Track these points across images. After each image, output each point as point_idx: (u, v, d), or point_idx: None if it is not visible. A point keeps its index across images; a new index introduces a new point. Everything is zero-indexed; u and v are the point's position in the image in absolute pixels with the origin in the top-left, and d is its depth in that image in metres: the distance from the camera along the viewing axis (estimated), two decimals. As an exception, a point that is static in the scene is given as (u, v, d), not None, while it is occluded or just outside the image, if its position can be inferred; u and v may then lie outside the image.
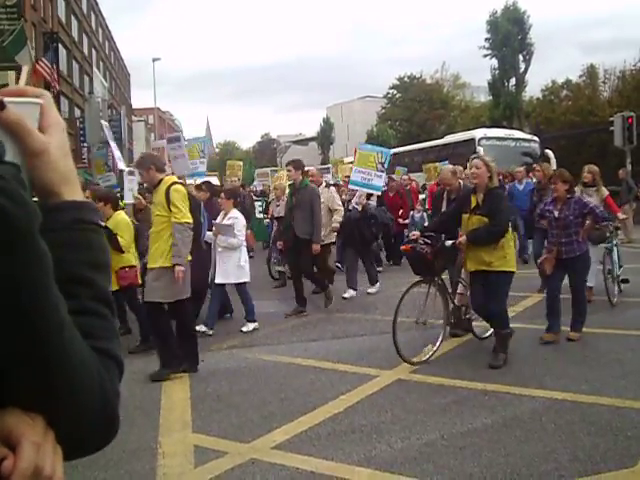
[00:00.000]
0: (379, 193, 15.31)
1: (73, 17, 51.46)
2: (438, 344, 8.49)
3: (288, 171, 12.44)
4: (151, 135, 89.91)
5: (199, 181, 13.36)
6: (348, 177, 18.61)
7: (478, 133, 29.19)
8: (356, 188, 13.62)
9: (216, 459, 5.56)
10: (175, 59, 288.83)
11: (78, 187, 1.24)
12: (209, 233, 10.69)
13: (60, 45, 38.79)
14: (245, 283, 10.56)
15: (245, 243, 10.90)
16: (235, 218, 10.57)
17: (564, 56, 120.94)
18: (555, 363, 7.98)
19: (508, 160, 22.05)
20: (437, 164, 21.75)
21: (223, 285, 10.66)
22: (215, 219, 10.88)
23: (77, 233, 1.18)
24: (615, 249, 12.23)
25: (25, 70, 1.39)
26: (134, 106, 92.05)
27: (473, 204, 8.34)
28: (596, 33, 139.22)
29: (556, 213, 9.07)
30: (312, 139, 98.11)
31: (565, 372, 7.56)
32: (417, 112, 64.95)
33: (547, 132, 34.36)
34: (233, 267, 10.42)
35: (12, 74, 29.15)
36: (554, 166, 20.83)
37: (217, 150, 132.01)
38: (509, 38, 46.05)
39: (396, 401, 6.84)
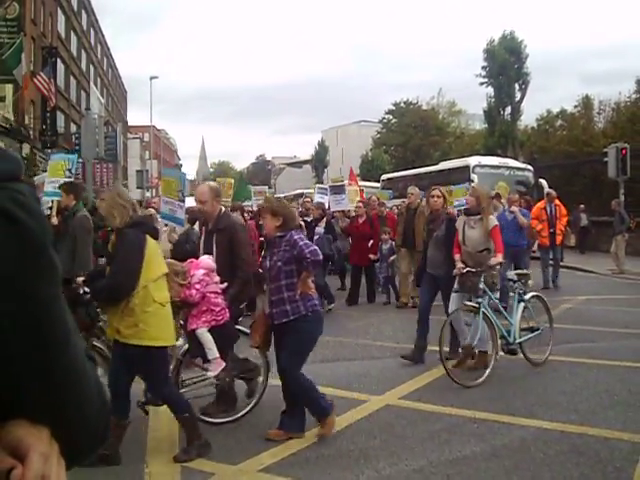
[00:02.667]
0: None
1: (72, 33, 51.62)
2: None
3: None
4: (146, 153, 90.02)
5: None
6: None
7: (472, 160, 29.30)
8: (166, 222, 11.79)
9: (203, 480, 5.53)
10: (175, 78, 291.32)
11: None
12: None
13: (58, 60, 38.87)
14: None
15: None
16: None
17: (565, 86, 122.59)
18: (545, 393, 7.97)
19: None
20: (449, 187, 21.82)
21: None
22: None
23: None
24: (518, 305, 9.48)
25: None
26: (130, 123, 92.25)
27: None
28: (597, 64, 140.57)
29: (267, 260, 6.78)
30: (306, 162, 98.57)
31: (554, 402, 7.55)
32: (412, 138, 65.28)
33: (541, 161, 34.52)
34: None
35: (10, 87, 29.24)
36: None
37: (211, 170, 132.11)
38: (505, 67, 46.33)
39: (385, 427, 6.82)
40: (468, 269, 8.89)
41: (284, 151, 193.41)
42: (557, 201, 18.90)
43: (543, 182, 27.55)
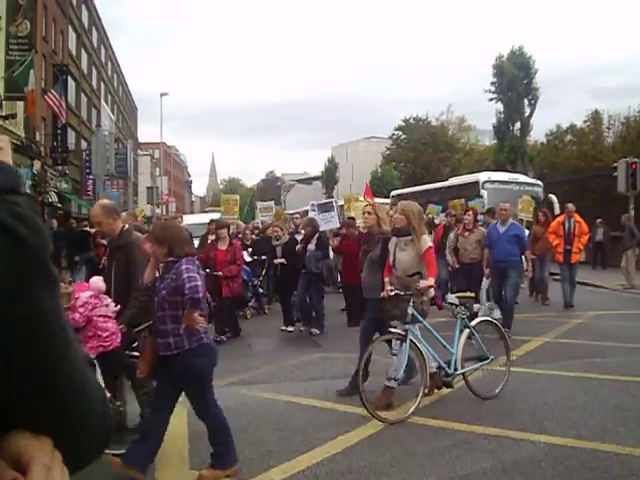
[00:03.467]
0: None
1: (83, 50, 51.98)
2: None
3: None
4: (156, 169, 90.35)
5: None
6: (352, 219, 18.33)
7: (482, 176, 29.26)
8: None
9: (213, 497, 5.51)
10: (187, 95, 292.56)
11: None
12: None
13: (69, 77, 39.11)
14: None
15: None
16: None
17: (575, 101, 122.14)
18: (556, 408, 7.93)
19: (511, 204, 22.05)
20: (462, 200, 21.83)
21: None
22: None
23: None
24: (461, 332, 8.61)
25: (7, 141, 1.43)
26: (141, 140, 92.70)
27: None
28: (607, 79, 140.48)
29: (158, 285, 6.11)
30: (316, 178, 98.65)
31: (565, 417, 7.52)
32: (422, 154, 65.22)
33: (551, 177, 34.47)
34: None
35: (21, 104, 29.40)
36: (557, 211, 20.80)
37: (221, 187, 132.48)
38: (515, 82, 46.34)
39: (395, 443, 6.80)
40: (396, 292, 8.03)
41: (294, 168, 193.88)
42: (578, 217, 17.51)
43: (553, 197, 27.49)
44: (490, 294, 14.98)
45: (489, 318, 9.84)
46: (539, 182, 29.45)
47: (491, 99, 48.87)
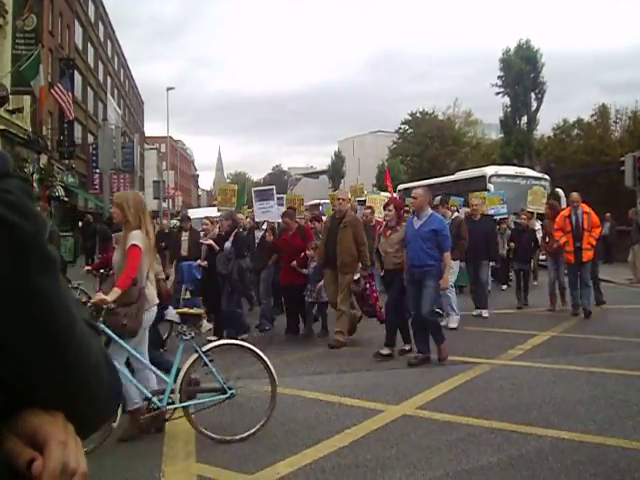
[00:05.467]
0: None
1: (90, 44, 52.06)
2: None
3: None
4: (162, 163, 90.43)
5: None
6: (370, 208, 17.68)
7: (489, 170, 29.25)
8: None
9: (219, 490, 5.52)
10: (195, 89, 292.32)
11: None
12: None
13: (76, 71, 39.15)
14: None
15: None
16: None
17: (585, 95, 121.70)
18: (562, 402, 7.92)
19: (518, 198, 22.05)
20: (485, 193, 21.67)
21: None
22: None
23: None
24: (183, 357, 6.98)
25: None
26: (148, 134, 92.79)
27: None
28: (617, 73, 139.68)
29: None
30: (323, 172, 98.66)
31: (572, 412, 7.50)
32: (428, 148, 65.19)
33: (558, 171, 34.41)
34: None
35: (28, 98, 29.45)
36: (564, 205, 20.77)
37: (228, 181, 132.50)
38: (521, 76, 46.32)
39: (402, 437, 6.80)
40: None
41: (301, 161, 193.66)
42: (586, 207, 15.00)
43: (560, 192, 27.45)
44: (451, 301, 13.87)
45: (237, 341, 8.10)
46: (546, 176, 29.43)
47: (498, 93, 48.90)
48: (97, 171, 39.98)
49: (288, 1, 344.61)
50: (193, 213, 25.63)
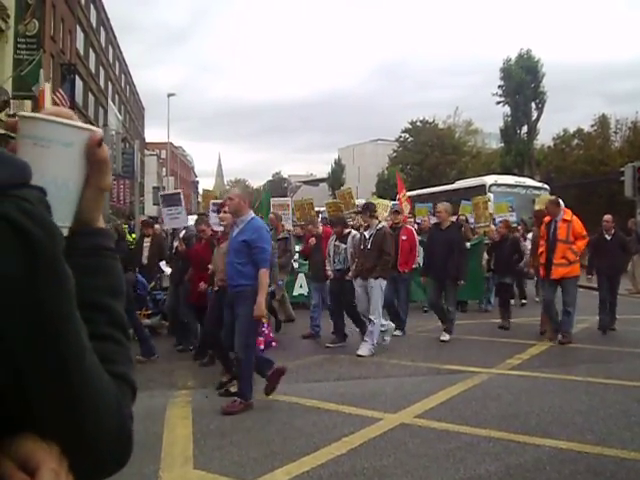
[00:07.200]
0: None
1: (91, 49, 52.12)
2: None
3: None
4: (163, 170, 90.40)
5: None
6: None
7: (489, 180, 29.31)
8: None
9: (216, 497, 5.51)
10: (198, 96, 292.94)
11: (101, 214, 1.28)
12: None
13: (77, 77, 39.17)
14: None
15: None
16: None
17: (587, 105, 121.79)
18: (561, 412, 7.91)
19: (518, 207, 22.08)
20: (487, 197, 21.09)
21: None
22: None
23: (97, 259, 1.22)
24: None
25: (50, 101, 1.45)
26: (148, 140, 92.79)
27: None
28: (620, 83, 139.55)
29: None
30: (323, 180, 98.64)
31: (570, 422, 7.50)
32: (428, 156, 65.20)
33: (558, 180, 34.48)
34: None
35: (29, 103, 29.47)
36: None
37: (228, 187, 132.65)
38: (522, 86, 46.45)
39: (399, 445, 6.79)
40: None
41: (300, 169, 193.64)
42: (568, 214, 12.97)
43: (560, 201, 27.45)
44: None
45: None
46: (546, 186, 29.51)
47: (498, 102, 49.01)
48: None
49: (293, 10, 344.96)
50: (192, 219, 25.50)
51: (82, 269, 1.15)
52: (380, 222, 12.57)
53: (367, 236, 11.99)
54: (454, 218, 16.48)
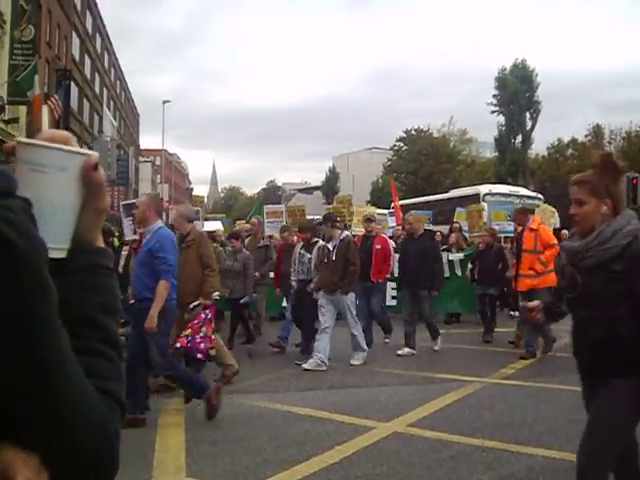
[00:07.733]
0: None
1: (87, 55, 52.09)
2: None
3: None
4: (157, 176, 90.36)
5: None
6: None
7: (483, 189, 29.33)
8: None
9: (209, 505, 5.49)
10: (195, 102, 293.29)
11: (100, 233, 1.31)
12: None
13: (72, 83, 39.16)
14: None
15: None
16: None
17: (583, 115, 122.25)
18: (554, 421, 7.91)
19: (512, 217, 22.07)
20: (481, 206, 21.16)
21: None
22: None
23: (94, 277, 1.23)
24: None
25: (46, 110, 1.47)
26: (143, 147, 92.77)
27: None
28: (615, 93, 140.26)
29: None
30: (317, 188, 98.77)
31: (563, 431, 7.48)
32: (423, 165, 65.29)
33: (552, 190, 34.54)
34: None
35: (24, 109, 29.45)
36: (558, 224, 20.70)
37: (222, 194, 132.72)
38: (517, 95, 46.64)
39: (392, 454, 6.78)
40: None
41: (295, 177, 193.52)
42: (535, 223, 12.30)
43: (554, 211, 27.52)
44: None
45: None
46: (540, 195, 29.53)
47: (493, 111, 49.18)
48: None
49: (288, 17, 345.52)
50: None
51: (80, 286, 1.18)
52: (342, 232, 12.02)
53: (330, 248, 11.49)
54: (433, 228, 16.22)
